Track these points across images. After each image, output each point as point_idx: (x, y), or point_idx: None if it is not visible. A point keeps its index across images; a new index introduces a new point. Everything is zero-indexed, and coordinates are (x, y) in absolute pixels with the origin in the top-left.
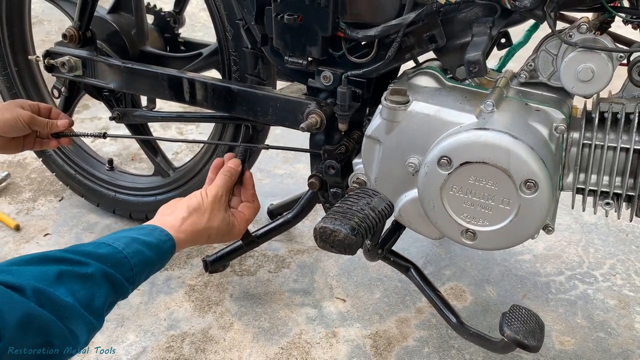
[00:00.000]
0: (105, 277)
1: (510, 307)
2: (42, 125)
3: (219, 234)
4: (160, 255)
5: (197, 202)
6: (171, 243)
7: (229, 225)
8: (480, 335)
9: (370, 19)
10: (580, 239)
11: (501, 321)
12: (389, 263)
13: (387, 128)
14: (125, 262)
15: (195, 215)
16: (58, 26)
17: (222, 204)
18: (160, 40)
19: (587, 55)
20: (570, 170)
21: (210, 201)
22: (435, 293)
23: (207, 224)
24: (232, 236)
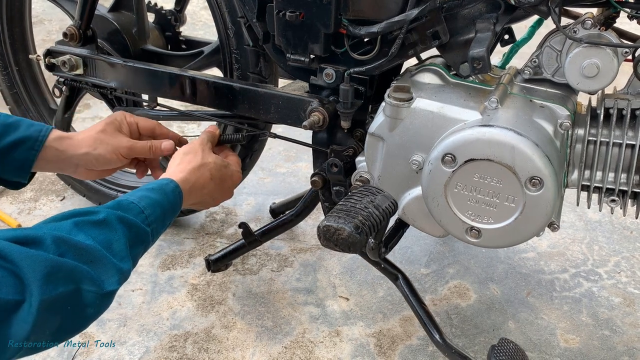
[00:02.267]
0: (119, 220)
1: (499, 341)
2: (142, 152)
3: (219, 171)
4: (166, 195)
5: (187, 147)
6: (174, 184)
7: (224, 162)
8: (463, 355)
9: (372, 15)
10: (584, 237)
11: (489, 354)
12: (379, 269)
13: (390, 125)
14: (133, 206)
15: (189, 156)
16: (59, 25)
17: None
18: (161, 39)
19: (592, 51)
20: (575, 167)
21: (199, 143)
22: (421, 306)
23: (202, 160)
24: (232, 176)
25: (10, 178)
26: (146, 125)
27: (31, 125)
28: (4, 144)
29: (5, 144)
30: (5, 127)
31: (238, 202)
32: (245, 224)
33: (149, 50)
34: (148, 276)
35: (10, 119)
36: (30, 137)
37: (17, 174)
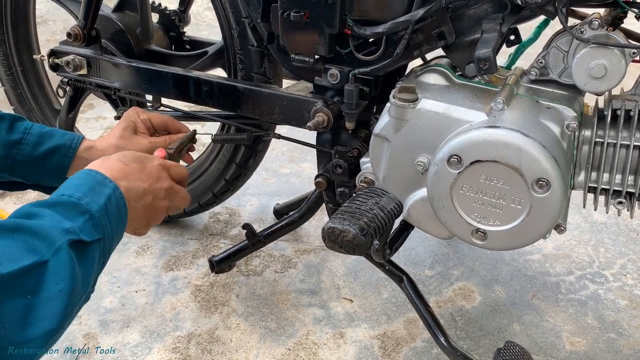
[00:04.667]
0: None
1: (505, 344)
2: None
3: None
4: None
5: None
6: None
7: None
8: (468, 358)
9: (378, 15)
10: (590, 239)
11: (495, 357)
12: (384, 271)
13: (395, 126)
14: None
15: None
16: (63, 26)
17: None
18: (165, 39)
19: (600, 52)
20: (582, 168)
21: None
22: (426, 308)
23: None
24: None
25: (48, 184)
26: (159, 120)
27: (64, 135)
28: (42, 151)
29: (42, 151)
30: (41, 136)
31: (242, 203)
32: (249, 224)
33: (153, 51)
34: (151, 277)
35: (45, 129)
36: (64, 145)
37: (54, 179)
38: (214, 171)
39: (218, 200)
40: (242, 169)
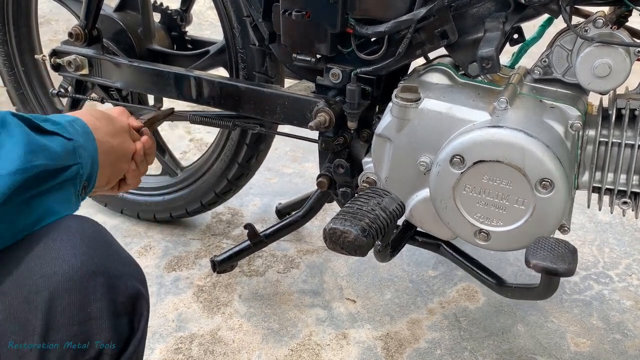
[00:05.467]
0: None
1: (535, 240)
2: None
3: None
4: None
5: None
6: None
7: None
8: (520, 287)
9: (380, 14)
10: (594, 238)
11: (526, 254)
12: (418, 245)
13: (397, 126)
14: None
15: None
16: (65, 25)
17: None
18: (167, 39)
19: (604, 51)
20: (586, 168)
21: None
22: (472, 262)
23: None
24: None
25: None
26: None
27: None
28: None
29: None
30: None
31: (244, 203)
32: (250, 224)
33: (154, 50)
34: (154, 277)
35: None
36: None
37: None
38: (216, 170)
39: (220, 200)
40: (245, 169)
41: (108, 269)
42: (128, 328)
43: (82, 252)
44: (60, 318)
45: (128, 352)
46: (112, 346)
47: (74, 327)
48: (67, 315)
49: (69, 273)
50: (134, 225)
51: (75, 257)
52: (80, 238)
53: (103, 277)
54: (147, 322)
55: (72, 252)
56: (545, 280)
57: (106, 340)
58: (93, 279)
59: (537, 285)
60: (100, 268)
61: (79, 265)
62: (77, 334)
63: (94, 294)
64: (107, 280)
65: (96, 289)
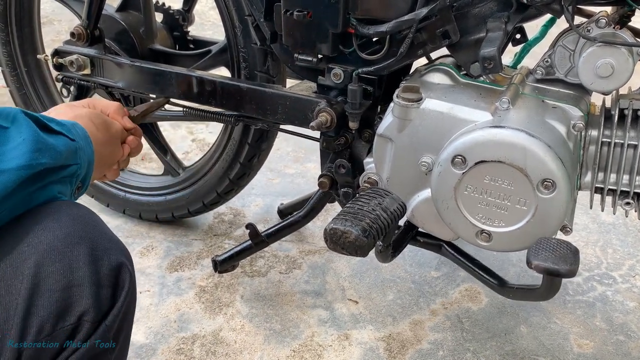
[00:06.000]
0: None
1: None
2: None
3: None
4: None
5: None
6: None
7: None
8: (523, 288)
9: (381, 14)
10: (598, 239)
11: (527, 255)
12: (420, 245)
13: (399, 126)
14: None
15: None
16: (68, 26)
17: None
18: (169, 39)
19: (607, 50)
20: (589, 169)
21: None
22: (473, 262)
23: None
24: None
25: None
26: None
27: None
28: None
29: None
30: None
31: (246, 203)
32: (252, 224)
33: (156, 50)
34: (156, 278)
35: None
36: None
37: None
38: (218, 170)
39: (222, 200)
40: (246, 168)
41: (92, 241)
42: (110, 299)
43: (68, 225)
44: (44, 284)
45: (108, 320)
46: (92, 314)
47: (57, 293)
48: (51, 282)
49: (54, 242)
50: (136, 226)
51: (61, 229)
52: (68, 215)
53: (87, 247)
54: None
55: (58, 224)
56: (547, 281)
57: (86, 308)
58: (77, 248)
59: (539, 287)
60: (84, 239)
61: (63, 235)
62: (59, 300)
63: (76, 262)
64: (91, 251)
65: (79, 258)
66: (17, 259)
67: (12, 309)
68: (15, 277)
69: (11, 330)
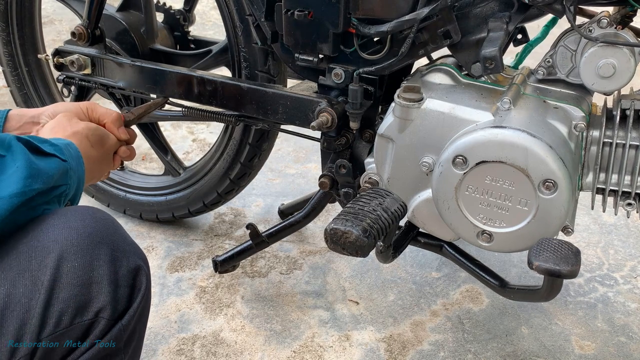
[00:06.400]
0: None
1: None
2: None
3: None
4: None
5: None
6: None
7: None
8: (524, 289)
9: (382, 14)
10: (599, 240)
11: (529, 256)
12: (420, 246)
13: (400, 126)
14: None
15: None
16: (69, 26)
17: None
18: (169, 38)
19: (608, 51)
20: (590, 169)
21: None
22: (474, 263)
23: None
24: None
25: None
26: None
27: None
28: None
29: None
30: None
31: (247, 204)
32: (252, 224)
33: (157, 50)
34: (156, 278)
35: None
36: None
37: None
38: (219, 170)
39: (223, 200)
40: (247, 168)
41: (113, 243)
42: (127, 299)
43: (91, 225)
44: (66, 278)
45: (124, 320)
46: (108, 312)
47: (77, 288)
48: (72, 276)
49: (78, 239)
50: (136, 226)
51: (85, 227)
52: (90, 217)
53: (108, 247)
54: (146, 298)
55: (82, 223)
56: (548, 282)
57: (104, 305)
58: (98, 247)
59: (540, 288)
60: (105, 240)
61: (87, 234)
62: (79, 294)
63: (97, 260)
64: (111, 252)
65: (100, 256)
66: (42, 252)
67: (35, 298)
68: (40, 269)
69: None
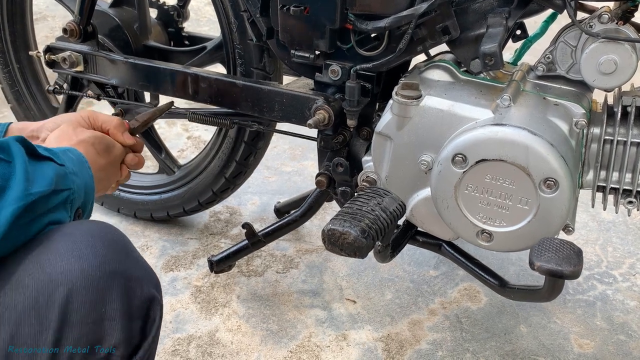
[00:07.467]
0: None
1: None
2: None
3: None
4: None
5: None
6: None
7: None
8: (524, 289)
9: (380, 9)
10: (598, 238)
11: (530, 255)
12: (419, 245)
13: (398, 124)
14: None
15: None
16: (62, 22)
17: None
18: (163, 35)
19: (610, 47)
20: (591, 167)
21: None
22: (473, 262)
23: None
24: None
25: None
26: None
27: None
28: None
29: None
30: None
31: (242, 202)
32: (248, 224)
33: (151, 47)
34: None
35: None
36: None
37: None
38: (214, 169)
39: (218, 199)
40: (243, 167)
41: (126, 271)
42: (140, 332)
43: (102, 253)
44: (76, 315)
45: (138, 355)
46: (122, 349)
47: (88, 326)
48: (83, 313)
49: (88, 271)
50: (130, 225)
51: (95, 256)
52: (101, 240)
53: (120, 278)
54: (159, 328)
55: (92, 251)
56: (550, 282)
57: (117, 343)
58: (111, 278)
59: (540, 287)
60: (118, 269)
61: (97, 264)
62: (90, 333)
63: (110, 294)
64: (124, 282)
65: (112, 289)
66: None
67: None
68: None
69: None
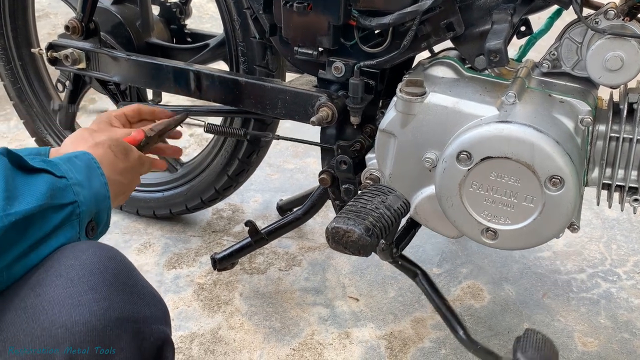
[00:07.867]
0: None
1: (525, 332)
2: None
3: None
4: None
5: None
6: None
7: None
8: (487, 351)
9: (384, 6)
10: (602, 235)
11: (515, 346)
12: (397, 267)
13: (402, 121)
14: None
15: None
16: (64, 19)
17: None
18: (166, 32)
19: (616, 43)
20: (596, 164)
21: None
22: (443, 302)
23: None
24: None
25: None
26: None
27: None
28: None
29: None
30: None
31: (245, 199)
32: (251, 221)
33: (153, 44)
34: (153, 275)
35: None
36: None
37: None
38: (216, 167)
39: (221, 197)
40: (245, 165)
41: (133, 314)
42: None
43: (104, 296)
44: None
45: None
46: None
47: None
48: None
49: (91, 322)
50: (133, 222)
51: (98, 302)
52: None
53: (128, 323)
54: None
55: (93, 296)
56: None
57: None
58: (117, 326)
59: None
60: (124, 313)
61: (101, 312)
62: None
63: (118, 344)
64: (132, 326)
65: (120, 337)
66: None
67: None
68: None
69: None
